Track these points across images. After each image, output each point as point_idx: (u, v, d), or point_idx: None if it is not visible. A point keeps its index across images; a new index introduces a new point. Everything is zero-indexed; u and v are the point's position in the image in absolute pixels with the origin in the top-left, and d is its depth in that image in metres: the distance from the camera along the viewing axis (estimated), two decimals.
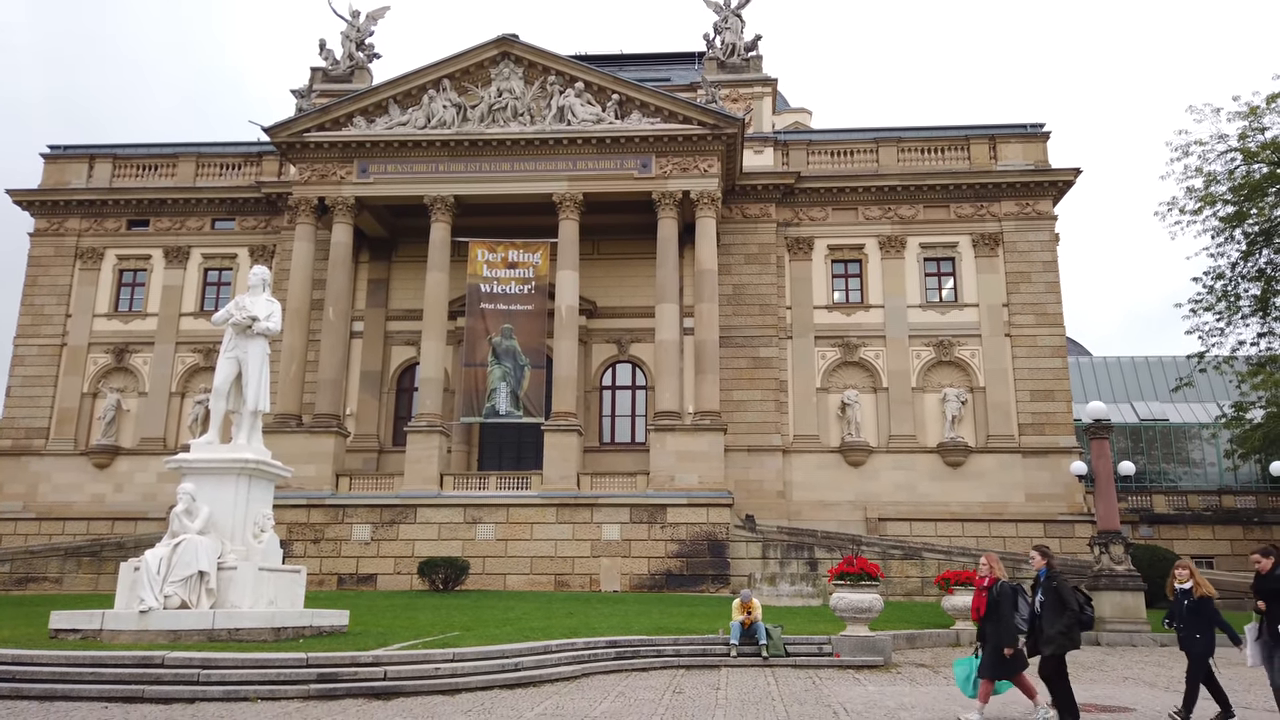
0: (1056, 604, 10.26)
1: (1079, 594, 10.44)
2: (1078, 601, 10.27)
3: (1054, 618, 10.21)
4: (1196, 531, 35.35)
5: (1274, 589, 9.97)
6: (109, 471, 36.55)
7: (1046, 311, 35.49)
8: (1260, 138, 34.60)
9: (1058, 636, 10.13)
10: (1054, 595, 10.34)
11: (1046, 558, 10.74)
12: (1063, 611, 10.17)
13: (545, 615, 20.69)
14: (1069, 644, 10.19)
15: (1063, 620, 10.15)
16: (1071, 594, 10.29)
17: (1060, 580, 10.44)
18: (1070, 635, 10.16)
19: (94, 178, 39.35)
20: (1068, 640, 10.16)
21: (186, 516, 15.15)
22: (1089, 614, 10.48)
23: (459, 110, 34.01)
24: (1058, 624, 10.15)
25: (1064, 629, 10.13)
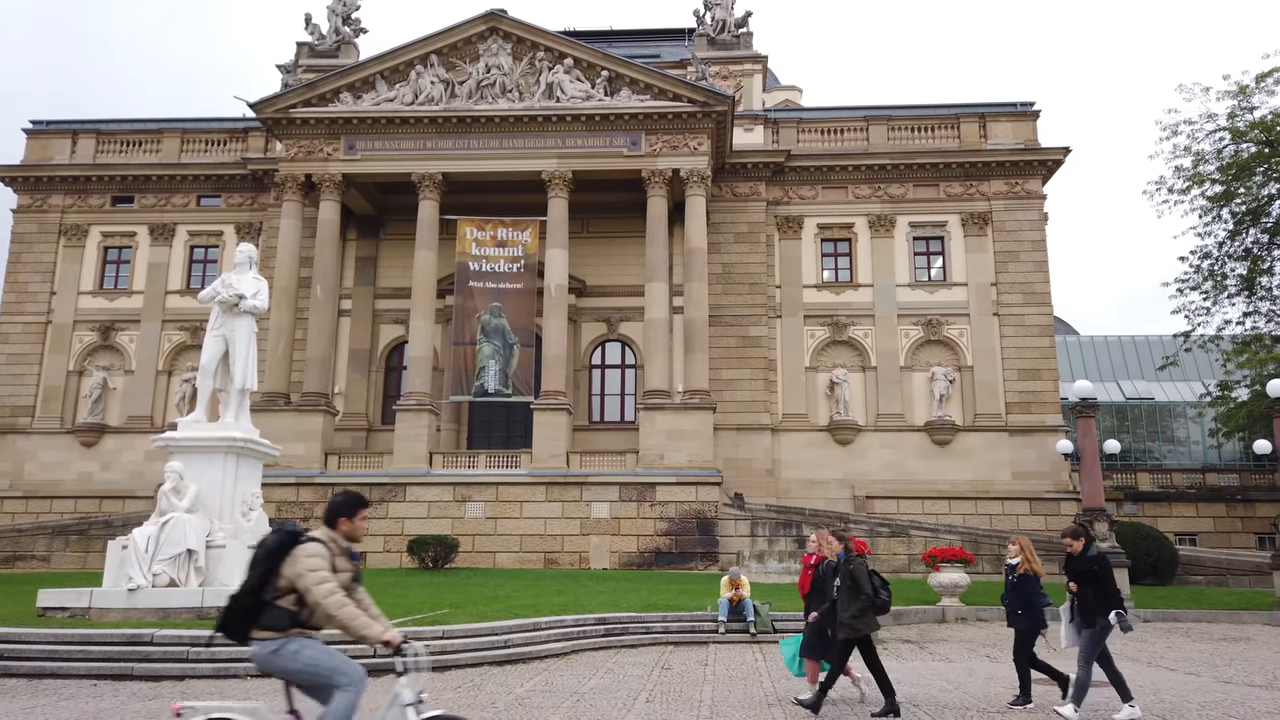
0: (851, 588, 10.08)
1: (875, 578, 10.27)
2: (872, 585, 10.09)
3: (848, 601, 10.04)
4: (1180, 509, 35.70)
5: (1085, 570, 9.85)
6: (96, 450, 36.40)
7: (1034, 291, 35.61)
8: (1249, 117, 34.69)
9: (850, 621, 9.94)
10: (849, 579, 10.16)
11: (844, 541, 10.58)
12: (857, 595, 10.00)
13: (535, 593, 20.79)
14: (862, 628, 9.98)
15: (856, 604, 9.98)
16: (867, 578, 10.12)
17: (857, 563, 10.27)
18: (863, 619, 9.98)
19: (77, 154, 38.90)
20: (860, 624, 9.96)
21: (174, 495, 15.13)
22: (884, 598, 10.25)
23: (447, 86, 33.71)
24: (851, 608, 9.97)
25: (856, 613, 9.95)
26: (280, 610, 5.51)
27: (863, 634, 10.00)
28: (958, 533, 29.99)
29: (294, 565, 5.54)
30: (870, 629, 10.06)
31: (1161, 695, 11.11)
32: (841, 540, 10.63)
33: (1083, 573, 9.84)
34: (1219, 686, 11.88)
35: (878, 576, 10.32)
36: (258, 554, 5.64)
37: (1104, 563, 9.93)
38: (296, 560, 5.55)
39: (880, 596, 10.17)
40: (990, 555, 29.47)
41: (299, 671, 5.52)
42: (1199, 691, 11.45)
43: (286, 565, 5.56)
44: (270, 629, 5.50)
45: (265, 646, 5.48)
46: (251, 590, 5.53)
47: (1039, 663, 10.59)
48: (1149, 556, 27.51)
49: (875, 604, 10.10)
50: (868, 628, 10.02)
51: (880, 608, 10.20)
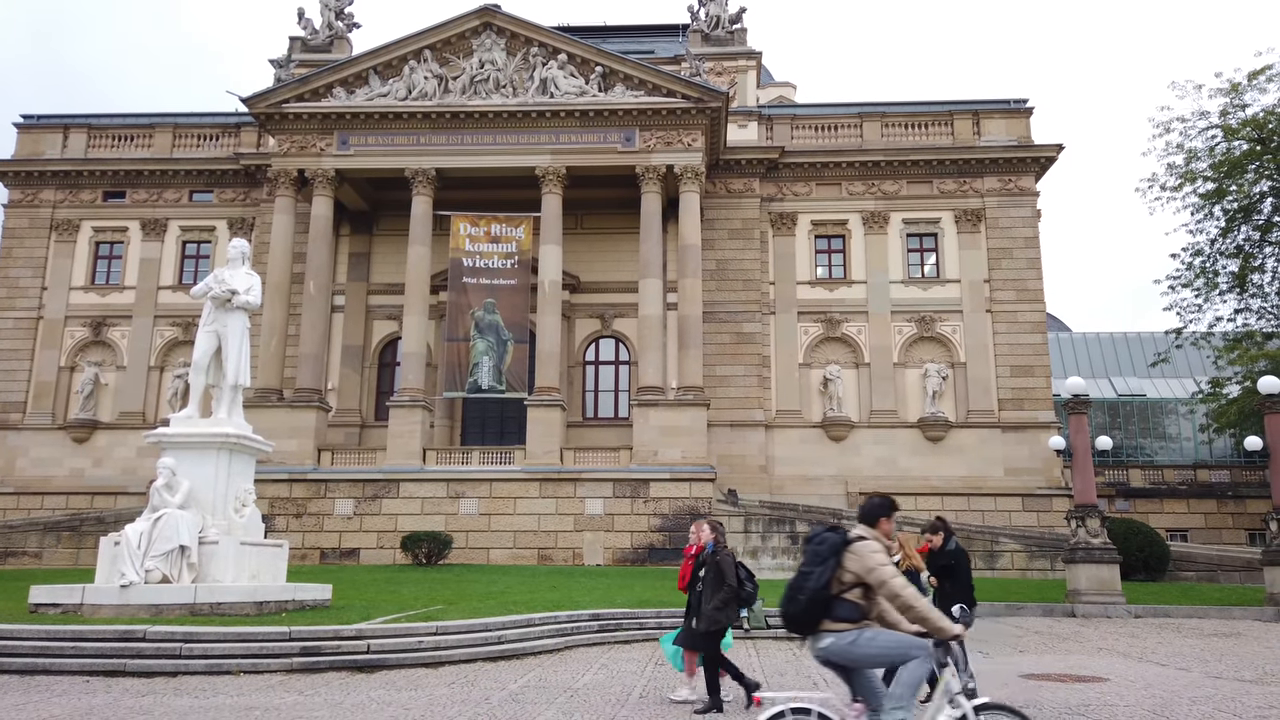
0: (716, 579, 9.95)
1: (741, 569, 10.17)
2: (737, 577, 9.98)
3: (711, 593, 9.89)
4: (1172, 505, 35.89)
5: (945, 565, 9.74)
6: (88, 446, 36.27)
7: (1027, 287, 35.70)
8: (1241, 114, 34.80)
9: (712, 613, 9.80)
10: (714, 570, 10.02)
11: (715, 532, 10.43)
12: (721, 586, 9.86)
13: (528, 589, 20.79)
14: (723, 620, 9.84)
15: (720, 595, 9.82)
16: (732, 569, 10.00)
17: (723, 555, 10.13)
18: (726, 612, 9.84)
19: (69, 148, 38.73)
20: (723, 616, 9.82)
21: (167, 491, 15.05)
22: (749, 590, 10.09)
23: (440, 82, 33.63)
24: (714, 600, 9.82)
25: (720, 605, 9.81)
26: (851, 603, 5.95)
27: (724, 626, 9.86)
28: None
29: (861, 561, 5.95)
30: (732, 621, 9.93)
31: (1153, 690, 11.16)
32: (714, 530, 10.44)
33: (941, 567, 9.76)
34: (1209, 682, 11.94)
35: (744, 569, 10.23)
36: (819, 552, 6.05)
37: (960, 557, 9.84)
38: (863, 557, 5.96)
39: (745, 589, 10.03)
40: (983, 552, 29.60)
41: (875, 655, 5.97)
42: (1189, 687, 11.50)
43: (850, 561, 5.96)
44: (845, 620, 5.93)
45: (842, 638, 5.91)
46: (823, 586, 5.94)
47: None
48: (1141, 553, 27.63)
49: (740, 596, 9.95)
50: (729, 620, 9.87)
51: (745, 600, 10.06)
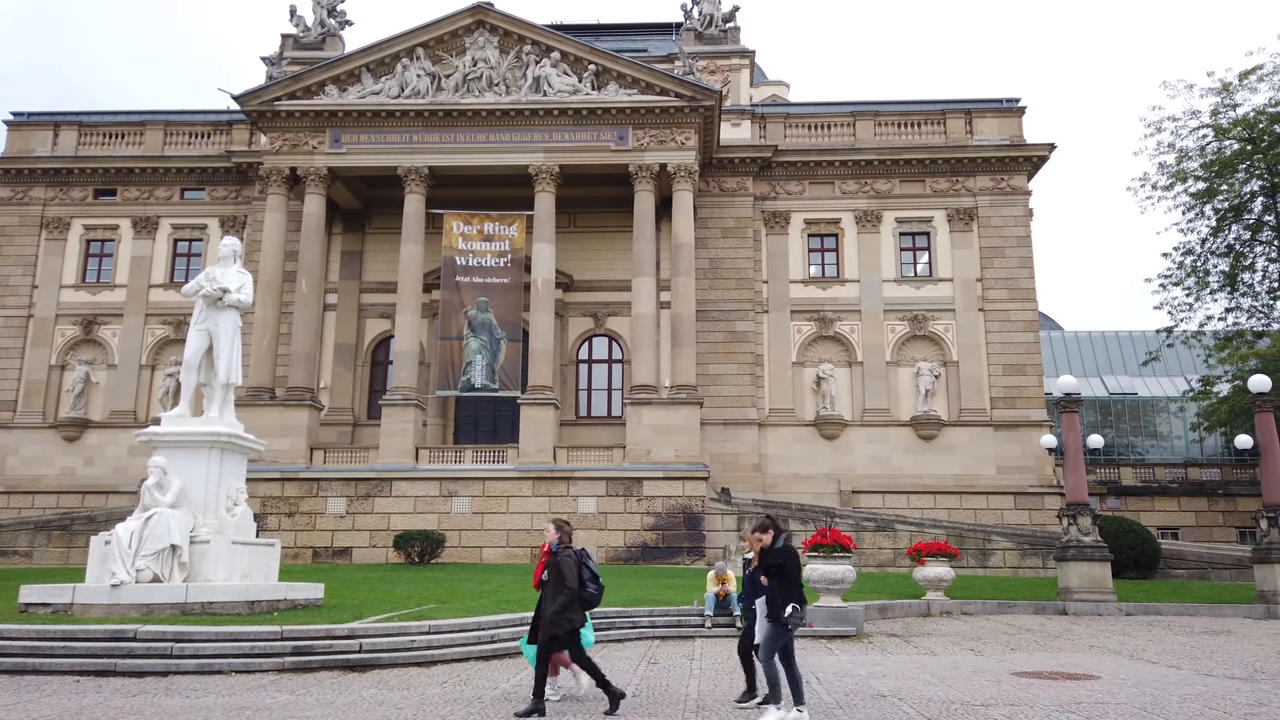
0: (556, 581, 9.65)
1: (585, 569, 9.80)
2: (580, 578, 9.65)
3: (552, 596, 9.61)
4: (1163, 503, 36.02)
5: (775, 564, 9.47)
6: (79, 444, 36.13)
7: (1019, 286, 35.79)
8: (1232, 114, 34.99)
9: (553, 616, 9.52)
10: (554, 571, 9.71)
11: (560, 531, 10.11)
12: (561, 588, 9.56)
13: (521, 588, 20.75)
14: (564, 624, 9.55)
15: (560, 598, 9.53)
16: (573, 570, 9.65)
17: (564, 555, 9.77)
18: (566, 615, 9.53)
19: (59, 145, 38.55)
20: (564, 620, 9.54)
21: (158, 490, 15.00)
22: (591, 591, 9.75)
23: (433, 80, 33.56)
24: (555, 602, 9.54)
25: (560, 608, 9.52)
26: None
27: (566, 630, 9.60)
28: (943, 527, 30.17)
29: None
30: (574, 624, 9.62)
31: (1143, 688, 11.20)
32: (559, 529, 10.14)
33: (770, 566, 9.53)
34: (1200, 679, 11.99)
35: (588, 569, 9.91)
36: None
37: (788, 555, 9.59)
38: None
39: (587, 590, 9.74)
40: (975, 550, 29.70)
41: None
42: (1180, 684, 11.54)
43: None
44: None
45: None
46: None
47: (747, 659, 10.27)
48: (1132, 550, 27.75)
49: (582, 598, 9.68)
50: (570, 623, 9.58)
51: (588, 601, 9.78)
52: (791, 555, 9.60)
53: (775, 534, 9.68)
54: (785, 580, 9.34)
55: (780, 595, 9.31)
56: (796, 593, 9.37)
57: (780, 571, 9.40)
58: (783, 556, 9.52)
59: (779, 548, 9.58)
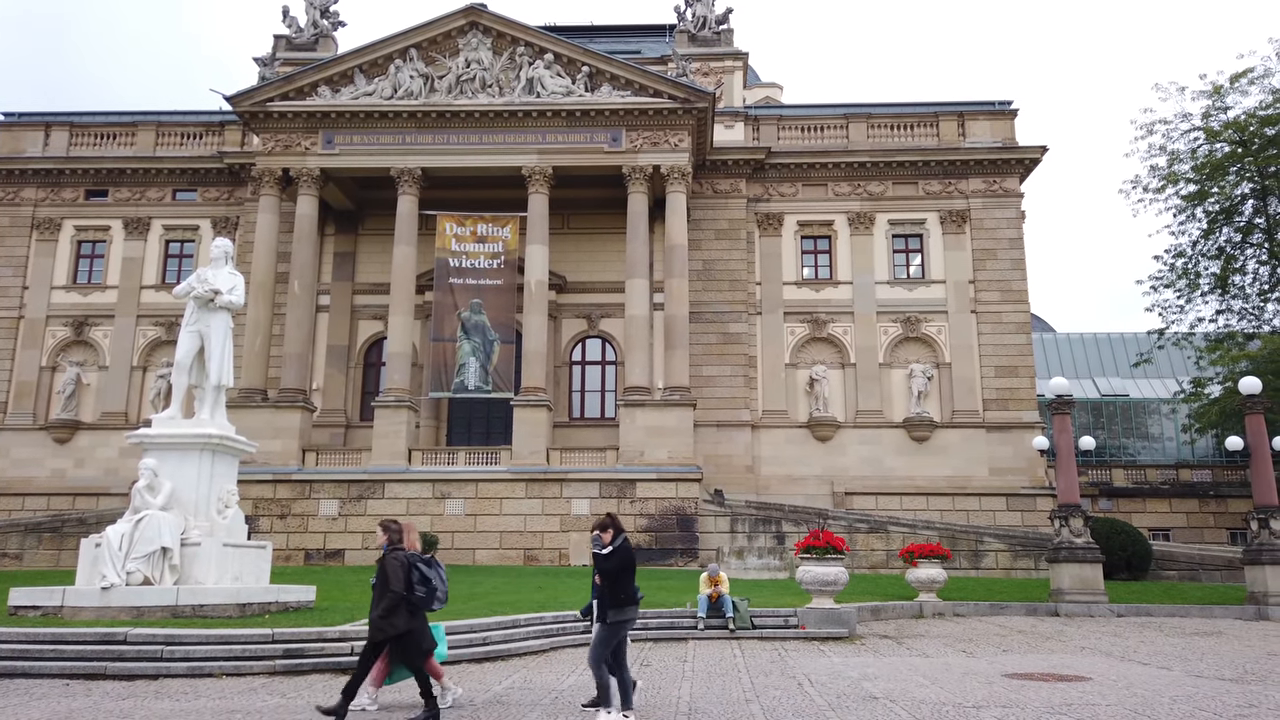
0: (381, 584, 9.36)
1: (416, 571, 9.44)
2: (408, 580, 9.30)
3: (377, 598, 9.36)
4: (1154, 504, 36.14)
5: (608, 565, 9.30)
6: (69, 446, 35.97)
7: (1012, 288, 35.88)
8: (1223, 117, 35.13)
9: (378, 620, 9.29)
10: (380, 574, 9.41)
11: (388, 532, 9.80)
12: (385, 592, 9.28)
13: (514, 590, 20.75)
14: (388, 628, 9.27)
15: (384, 602, 9.25)
16: (400, 573, 9.29)
17: (390, 557, 9.44)
18: (390, 620, 9.25)
19: (50, 146, 38.39)
20: (387, 624, 9.26)
21: (149, 492, 14.95)
22: (420, 594, 9.38)
23: (426, 81, 33.52)
24: (379, 606, 9.30)
25: (384, 611, 9.24)
26: None
27: (390, 635, 9.31)
28: (935, 528, 30.22)
29: None
30: (399, 629, 9.32)
31: (1134, 690, 11.23)
32: (386, 530, 9.85)
33: (603, 567, 9.38)
34: (1190, 680, 12.03)
35: (421, 571, 9.49)
36: None
37: (619, 556, 9.37)
38: None
39: (416, 593, 9.37)
40: (968, 551, 29.76)
41: None
42: (1171, 685, 11.58)
43: None
44: None
45: None
46: None
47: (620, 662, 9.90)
48: (1123, 552, 27.82)
49: (409, 602, 9.36)
50: (394, 628, 9.29)
51: (416, 606, 9.44)
52: (620, 555, 9.36)
53: (615, 533, 9.50)
54: (616, 581, 9.14)
55: (609, 596, 9.12)
56: (626, 594, 9.15)
57: (612, 572, 9.21)
58: (616, 557, 9.30)
59: (615, 548, 9.38)
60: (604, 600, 9.34)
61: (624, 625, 9.35)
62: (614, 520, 9.72)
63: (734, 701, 10.46)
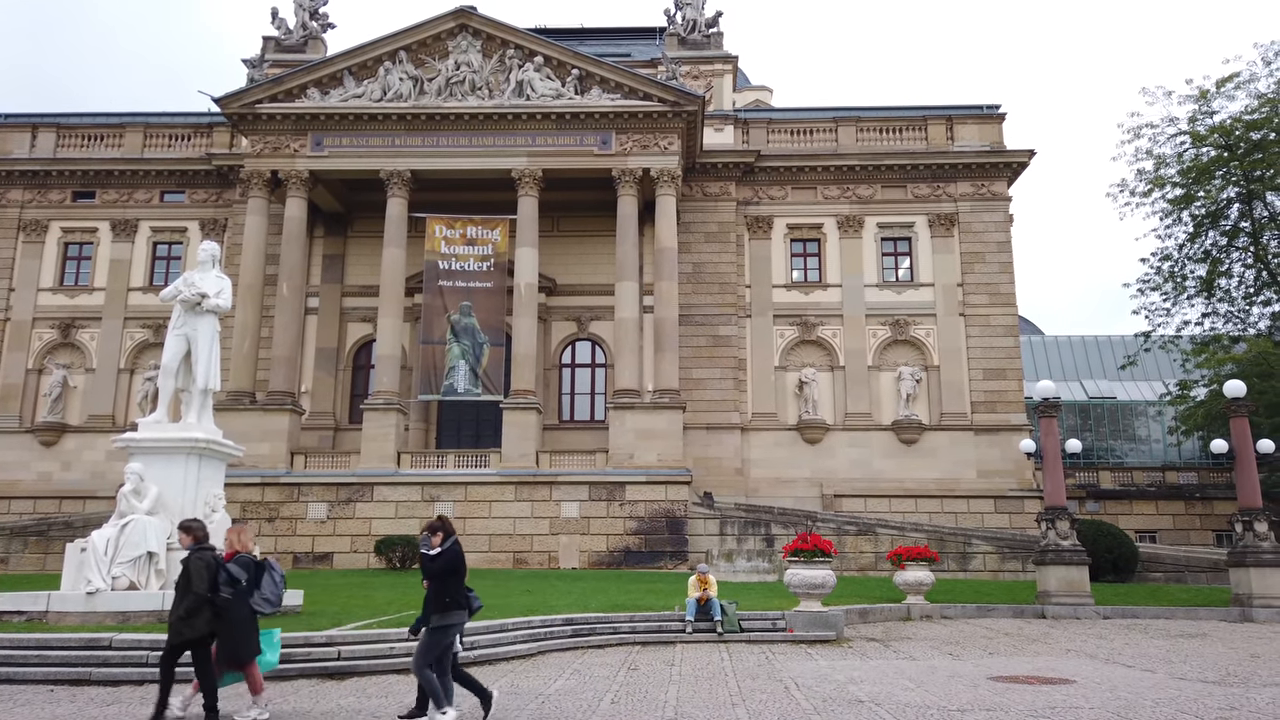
0: (184, 585, 9.00)
1: (223, 573, 9.07)
2: (211, 582, 8.93)
3: (179, 599, 8.97)
4: (1141, 506, 36.33)
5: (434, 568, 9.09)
6: (56, 449, 35.77)
7: (1000, 291, 36.04)
8: (1209, 121, 35.41)
9: (177, 622, 8.92)
10: (183, 574, 9.06)
11: (191, 533, 9.48)
12: (187, 593, 8.92)
13: (503, 593, 20.71)
14: (187, 631, 8.88)
15: (186, 602, 8.89)
16: (204, 574, 8.93)
17: (194, 558, 9.11)
18: (190, 621, 8.86)
19: (37, 148, 38.18)
20: (187, 626, 8.87)
21: (135, 496, 14.92)
22: (225, 596, 9.00)
23: (416, 83, 33.48)
24: (180, 607, 8.93)
25: (185, 614, 8.88)
26: None
27: (190, 638, 8.94)
28: (924, 531, 30.31)
29: None
30: (200, 632, 8.93)
31: (1118, 692, 11.31)
32: (189, 531, 9.52)
33: (430, 570, 9.16)
34: (1174, 683, 12.11)
35: (226, 572, 9.11)
36: None
37: (446, 559, 9.10)
38: None
39: (220, 595, 8.98)
40: (956, 553, 29.85)
41: None
42: (1154, 688, 11.66)
43: None
44: None
45: None
46: None
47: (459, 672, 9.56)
48: (1110, 554, 27.96)
49: (214, 604, 8.93)
50: (194, 631, 8.91)
51: (221, 608, 8.98)
52: (450, 559, 9.13)
53: (445, 535, 9.30)
54: (443, 584, 8.96)
55: (433, 600, 8.93)
56: (452, 598, 8.96)
57: (437, 574, 9.02)
58: (443, 559, 9.08)
59: (446, 550, 9.17)
60: (428, 604, 9.05)
61: (449, 630, 9.09)
62: (445, 523, 9.47)
63: (720, 705, 10.49)
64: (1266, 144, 33.76)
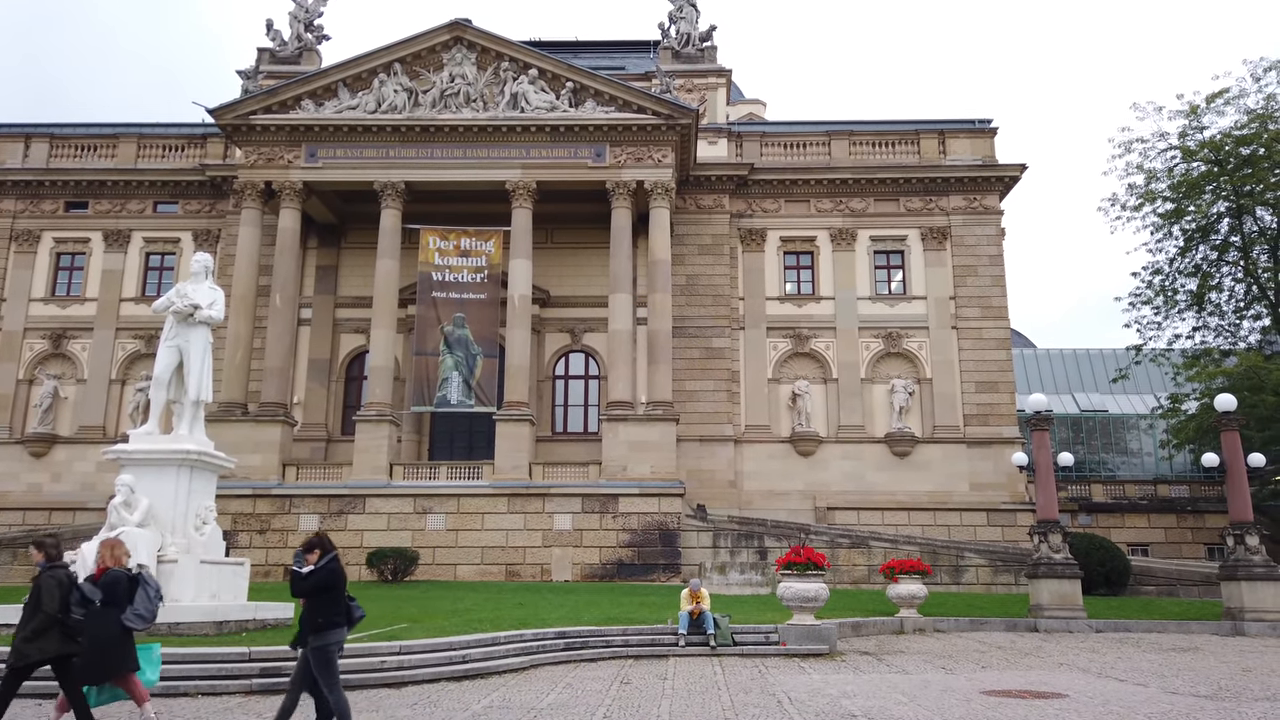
0: (33, 603, 8.61)
1: (76, 592, 8.72)
2: (62, 601, 8.56)
3: (27, 619, 8.60)
4: (1133, 520, 36.38)
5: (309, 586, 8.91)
6: (46, 460, 35.57)
7: (992, 304, 36.16)
8: (1199, 136, 35.66)
9: (20, 645, 8.53)
10: (33, 593, 8.68)
11: (43, 550, 9.11)
12: (35, 613, 8.54)
13: (495, 606, 20.64)
14: (33, 652, 8.51)
15: (33, 623, 8.52)
16: (55, 592, 8.57)
17: (46, 575, 8.74)
18: (36, 643, 8.49)
19: (30, 158, 38.11)
20: (32, 648, 8.50)
21: (125, 509, 14.85)
22: (76, 618, 8.61)
23: (410, 95, 33.55)
24: (26, 628, 8.56)
25: (30, 635, 8.53)
26: None
27: (33, 660, 8.55)
28: (917, 544, 30.32)
29: None
30: (48, 654, 8.57)
31: (1110, 707, 11.30)
32: (41, 548, 9.12)
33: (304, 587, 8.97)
34: (1166, 697, 12.11)
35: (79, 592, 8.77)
36: None
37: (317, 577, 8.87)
38: None
39: (72, 616, 8.60)
40: (949, 566, 29.86)
41: None
42: (1146, 702, 11.66)
43: None
44: None
45: None
46: None
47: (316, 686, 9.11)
48: (1102, 567, 28.00)
49: (65, 625, 8.55)
50: (41, 652, 8.53)
51: (71, 631, 8.60)
52: (323, 577, 8.87)
53: (323, 553, 9.05)
54: (315, 603, 8.75)
55: (307, 619, 8.73)
56: (325, 618, 8.70)
57: (308, 593, 8.82)
58: (314, 578, 8.85)
59: (319, 568, 8.93)
60: (303, 624, 8.82)
61: (331, 649, 8.84)
62: (322, 540, 9.19)
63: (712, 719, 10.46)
64: (1256, 159, 34.02)
